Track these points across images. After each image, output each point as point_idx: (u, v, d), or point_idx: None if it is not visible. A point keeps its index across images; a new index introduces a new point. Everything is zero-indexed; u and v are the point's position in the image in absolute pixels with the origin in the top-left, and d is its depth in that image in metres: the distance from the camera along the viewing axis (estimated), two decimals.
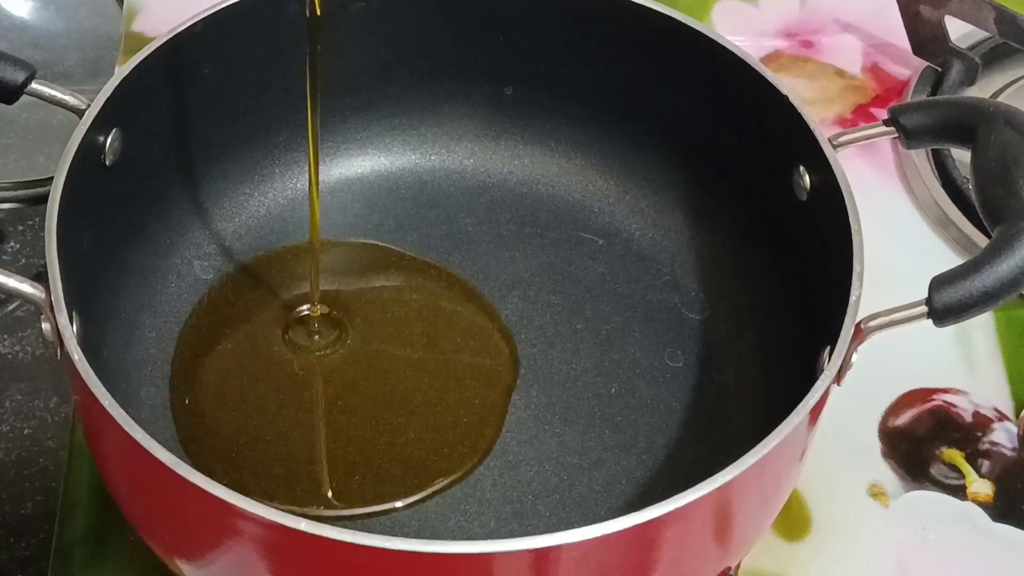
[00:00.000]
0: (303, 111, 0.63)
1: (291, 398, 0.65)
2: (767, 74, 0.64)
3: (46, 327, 0.53)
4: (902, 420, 0.69)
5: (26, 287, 0.53)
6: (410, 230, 0.72)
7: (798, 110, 0.62)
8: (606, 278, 0.70)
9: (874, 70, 0.85)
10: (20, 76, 0.59)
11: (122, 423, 0.50)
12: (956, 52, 0.82)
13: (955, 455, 0.68)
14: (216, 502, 0.48)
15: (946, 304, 0.53)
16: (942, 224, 0.76)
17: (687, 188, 0.71)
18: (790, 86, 0.64)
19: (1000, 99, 0.81)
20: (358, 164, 0.74)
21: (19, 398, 0.71)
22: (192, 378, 0.65)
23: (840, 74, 0.85)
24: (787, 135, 0.63)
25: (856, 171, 0.71)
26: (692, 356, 0.67)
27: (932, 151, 0.79)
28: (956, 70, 0.82)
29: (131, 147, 0.62)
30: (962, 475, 0.67)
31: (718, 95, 0.67)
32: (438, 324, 0.68)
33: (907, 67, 0.85)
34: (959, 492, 0.67)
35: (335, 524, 0.48)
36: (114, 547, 0.62)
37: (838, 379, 0.55)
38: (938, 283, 0.54)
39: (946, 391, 0.70)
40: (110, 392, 0.51)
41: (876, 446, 0.68)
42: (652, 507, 0.49)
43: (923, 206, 0.78)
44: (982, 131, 0.58)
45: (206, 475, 0.49)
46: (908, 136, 0.61)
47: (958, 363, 0.71)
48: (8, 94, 0.59)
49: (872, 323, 0.54)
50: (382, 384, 0.66)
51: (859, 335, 0.54)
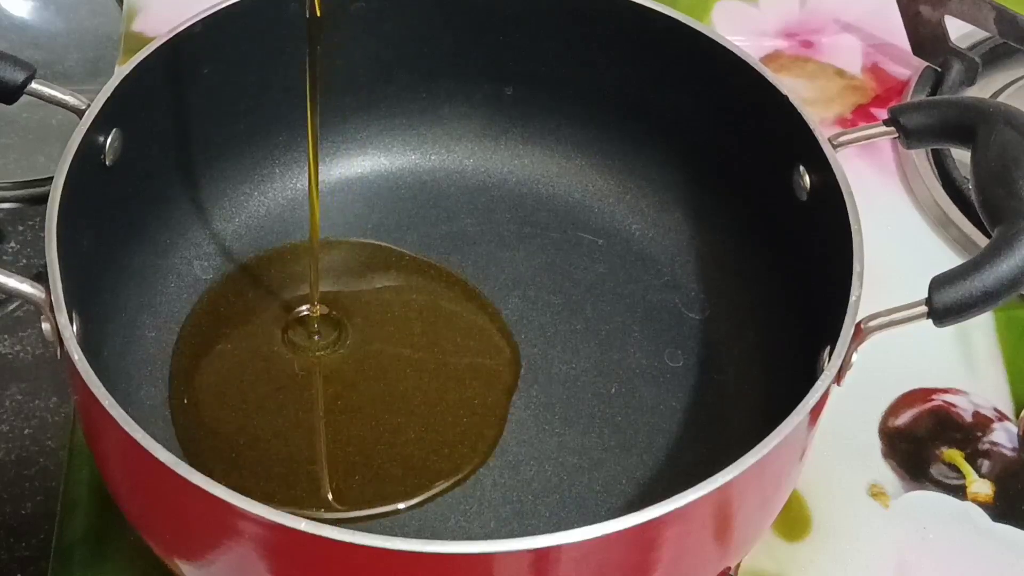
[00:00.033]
0: (303, 111, 0.63)
1: (291, 398, 0.65)
2: (767, 74, 0.64)
3: (46, 327, 0.53)
4: (902, 420, 0.69)
5: (26, 287, 0.53)
6: (410, 230, 0.72)
7: (798, 110, 0.62)
8: (606, 278, 0.70)
9: (874, 70, 0.85)
10: (20, 76, 0.59)
11: (122, 423, 0.50)
12: (956, 52, 0.82)
13: (955, 455, 0.68)
14: (216, 502, 0.48)
15: (946, 304, 0.53)
16: (942, 224, 0.76)
17: (687, 188, 0.71)
18: (790, 86, 0.64)
19: (1000, 99, 0.81)
20: (358, 164, 0.74)
21: (19, 398, 0.71)
22: (192, 378, 0.65)
23: (840, 74, 0.85)
24: (787, 135, 0.63)
25: (856, 171, 0.71)
26: (692, 356, 0.67)
27: (932, 151, 0.79)
28: (956, 70, 0.82)
29: (131, 147, 0.62)
30: (962, 475, 0.67)
31: (718, 95, 0.67)
32: (438, 324, 0.68)
33: (907, 67, 0.85)
34: (959, 492, 0.67)
35: (336, 524, 0.48)
36: (114, 547, 0.62)
37: (838, 379, 0.55)
38: (938, 283, 0.54)
39: (946, 391, 0.70)
40: (110, 392, 0.51)
41: (876, 446, 0.68)
42: (652, 507, 0.49)
43: (923, 206, 0.78)
44: (982, 131, 0.58)
45: (206, 475, 0.49)
46: (908, 136, 0.61)
47: (958, 363, 0.71)
48: (8, 94, 0.59)
49: (872, 323, 0.54)
50: (382, 384, 0.65)
51: (859, 335, 0.54)
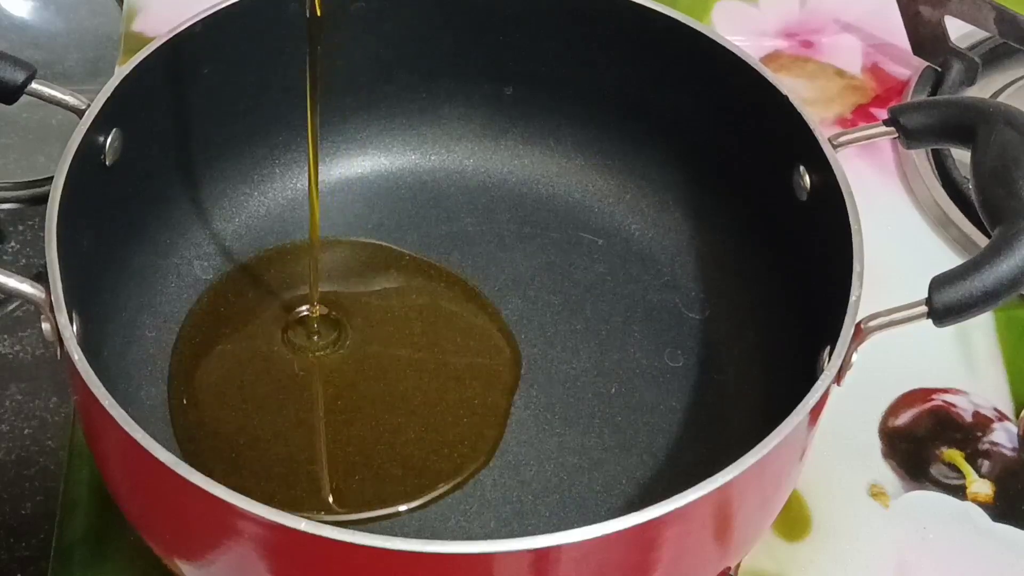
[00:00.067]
0: (303, 111, 0.63)
1: (291, 398, 0.65)
2: (767, 74, 0.64)
3: (46, 327, 0.53)
4: (902, 420, 0.69)
5: (26, 287, 0.53)
6: (410, 230, 0.72)
7: (798, 110, 0.62)
8: (606, 278, 0.70)
9: (874, 70, 0.85)
10: (20, 76, 0.59)
11: (122, 423, 0.50)
12: (956, 52, 0.82)
13: (955, 455, 0.68)
14: (216, 502, 0.48)
15: (946, 304, 0.53)
16: (942, 224, 0.76)
17: (687, 188, 0.71)
18: (790, 86, 0.64)
19: (1000, 99, 0.81)
20: (358, 164, 0.74)
21: (19, 398, 0.71)
22: (192, 378, 0.65)
23: (840, 74, 0.85)
24: (787, 135, 0.63)
25: (856, 171, 0.71)
26: (692, 356, 0.67)
27: (932, 151, 0.79)
28: (956, 70, 0.82)
29: (131, 147, 0.62)
30: (962, 475, 0.67)
31: (718, 95, 0.67)
32: (438, 324, 0.68)
33: (907, 67, 0.85)
34: (959, 492, 0.67)
35: (336, 525, 0.48)
36: (114, 547, 0.62)
37: (838, 379, 0.55)
38: (938, 283, 0.54)
39: (946, 391, 0.70)
40: (110, 392, 0.51)
41: (876, 446, 0.68)
42: (652, 507, 0.49)
43: (923, 206, 0.78)
44: (982, 131, 0.58)
45: (205, 475, 0.49)
46: (908, 136, 0.61)
47: (958, 363, 0.71)
48: (8, 94, 0.59)
49: (872, 323, 0.54)
50: (382, 384, 0.65)
51: (859, 335, 0.54)
